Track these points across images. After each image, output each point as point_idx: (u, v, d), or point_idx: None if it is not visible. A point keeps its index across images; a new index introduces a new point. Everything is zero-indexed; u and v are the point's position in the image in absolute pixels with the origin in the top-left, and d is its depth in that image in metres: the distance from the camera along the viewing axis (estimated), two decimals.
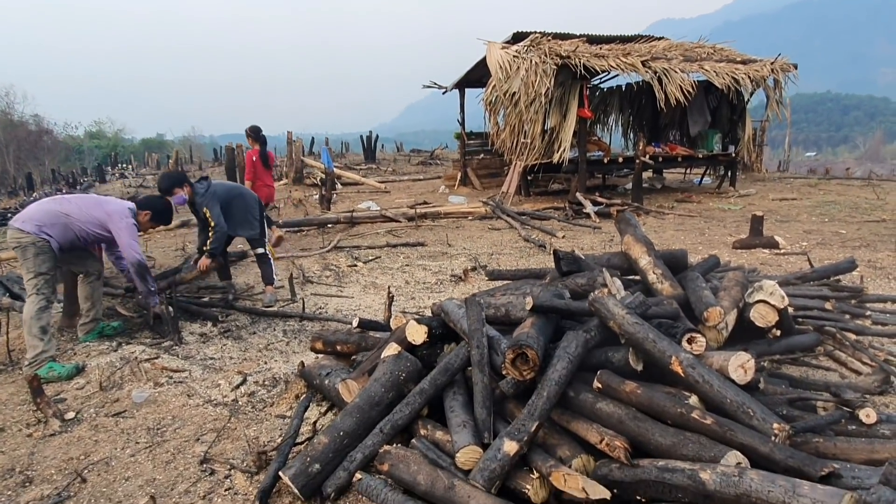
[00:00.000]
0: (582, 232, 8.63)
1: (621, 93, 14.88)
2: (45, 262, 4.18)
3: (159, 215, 4.79)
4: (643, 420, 2.12)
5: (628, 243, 3.59)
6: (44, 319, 4.15)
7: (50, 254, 4.20)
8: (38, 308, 4.12)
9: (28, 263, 4.16)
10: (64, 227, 4.27)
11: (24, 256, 4.17)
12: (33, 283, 4.17)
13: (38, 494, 2.70)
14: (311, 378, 3.29)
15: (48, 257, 4.20)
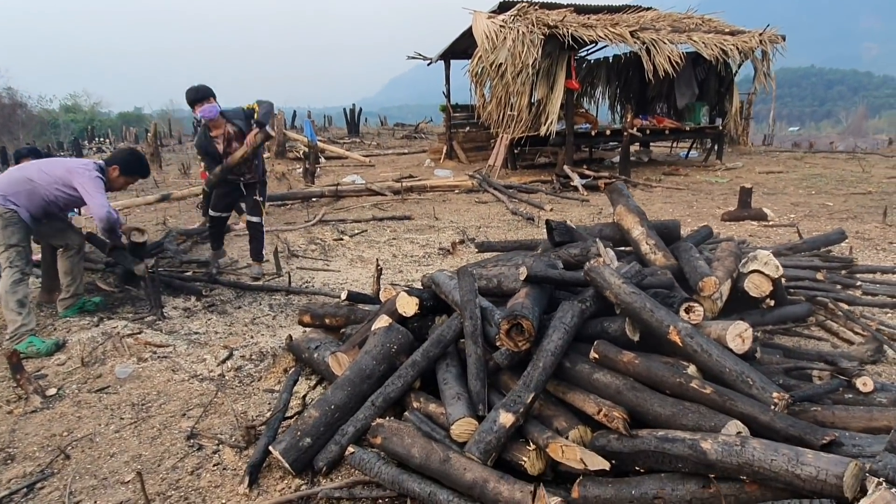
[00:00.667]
0: (570, 205, 8.58)
1: (608, 64, 14.75)
2: (14, 233, 4.02)
3: (129, 166, 4.48)
4: (641, 390, 2.09)
5: (620, 213, 3.54)
6: (20, 293, 4.02)
7: (20, 224, 4.04)
8: (12, 281, 3.99)
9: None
10: (29, 193, 4.07)
11: None
12: (5, 255, 4.02)
13: (20, 472, 2.62)
14: (300, 352, 3.23)
15: (17, 228, 4.04)
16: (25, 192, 4.07)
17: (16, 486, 2.51)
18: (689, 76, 13.22)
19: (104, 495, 2.38)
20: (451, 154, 14.15)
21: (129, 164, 4.50)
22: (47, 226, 4.31)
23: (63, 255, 4.50)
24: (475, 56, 11.32)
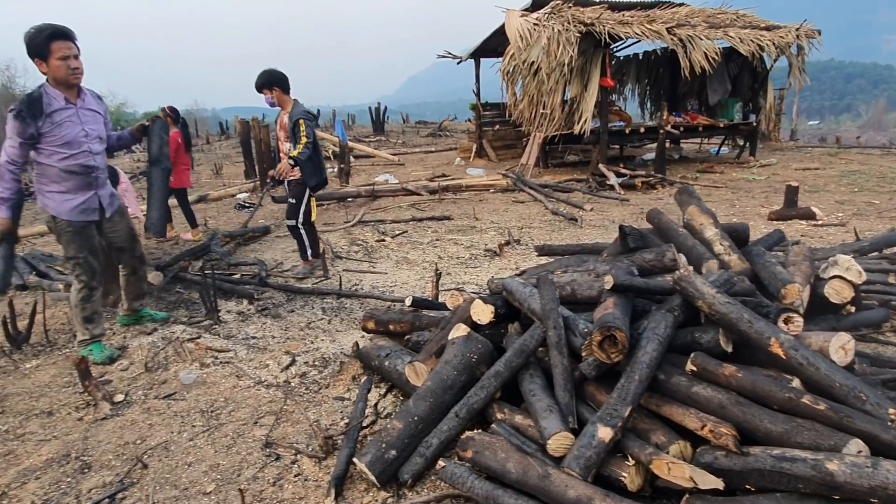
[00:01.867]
0: (609, 204, 8.49)
1: (638, 61, 14.57)
2: (70, 242, 3.81)
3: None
4: (748, 405, 2.02)
5: (692, 213, 3.46)
6: (88, 310, 3.93)
7: (72, 235, 3.79)
8: (80, 298, 3.90)
9: (61, 245, 3.89)
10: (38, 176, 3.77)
11: (56, 237, 3.90)
12: (69, 266, 3.95)
13: (99, 481, 2.62)
14: (369, 359, 3.20)
15: (73, 240, 3.80)
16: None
17: (97, 496, 2.52)
18: (722, 72, 13.02)
19: None
20: (480, 152, 14.09)
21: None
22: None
23: (121, 271, 4.35)
24: (507, 54, 11.24)
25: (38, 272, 6.33)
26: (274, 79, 5.21)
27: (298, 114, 5.20)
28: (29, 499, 2.55)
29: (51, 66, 3.54)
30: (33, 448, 2.98)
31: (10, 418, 3.33)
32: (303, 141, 5.11)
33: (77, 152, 3.74)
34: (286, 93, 5.28)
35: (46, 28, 3.53)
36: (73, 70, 3.60)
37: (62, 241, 3.85)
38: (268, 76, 5.20)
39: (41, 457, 2.87)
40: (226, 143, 28.32)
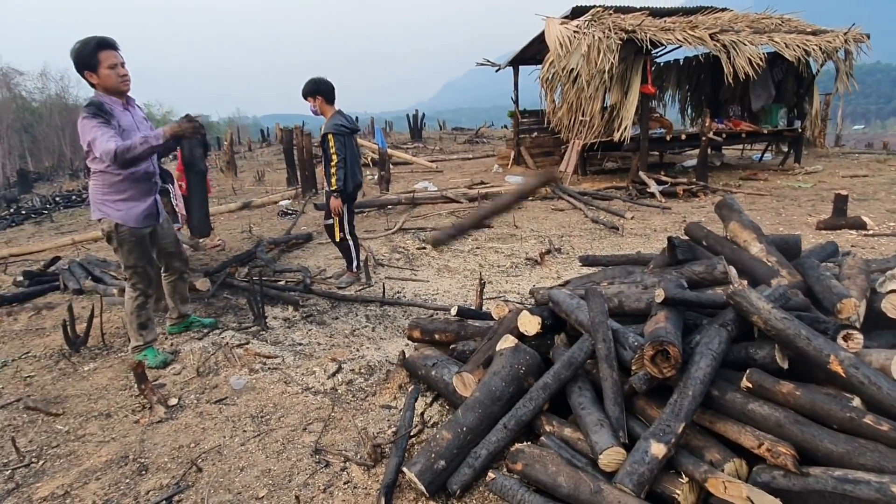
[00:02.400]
0: (650, 213, 8.38)
1: (679, 67, 14.38)
2: (130, 252, 3.90)
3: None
4: (807, 424, 1.98)
5: (734, 230, 3.41)
6: (143, 316, 4.05)
7: (132, 243, 3.88)
8: (136, 305, 4.01)
9: (118, 253, 3.94)
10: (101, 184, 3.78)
11: (112, 246, 3.94)
12: (126, 273, 4.03)
13: (156, 483, 2.71)
14: (416, 368, 3.24)
15: (132, 248, 3.89)
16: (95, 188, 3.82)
17: (155, 497, 2.60)
18: (766, 77, 12.74)
19: None
20: (518, 160, 14.08)
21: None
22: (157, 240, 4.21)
23: (166, 278, 4.44)
24: (546, 62, 11.23)
25: (93, 277, 6.56)
26: (318, 87, 5.26)
27: (329, 127, 5.21)
28: (90, 498, 2.65)
29: (101, 75, 3.62)
30: (93, 449, 3.10)
31: (71, 419, 3.47)
32: (333, 161, 5.17)
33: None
34: (329, 102, 5.30)
35: (92, 39, 3.60)
36: (123, 77, 3.69)
37: (123, 250, 3.89)
38: (313, 84, 5.26)
39: (101, 458, 2.98)
40: (267, 150, 28.91)
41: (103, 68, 3.61)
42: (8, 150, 26.15)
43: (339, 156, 5.15)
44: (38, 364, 4.40)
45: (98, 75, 3.62)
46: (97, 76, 3.63)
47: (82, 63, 3.61)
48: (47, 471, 2.94)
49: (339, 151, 5.16)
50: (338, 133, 5.21)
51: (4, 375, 4.27)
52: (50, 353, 4.52)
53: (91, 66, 3.61)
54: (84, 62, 3.60)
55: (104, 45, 3.60)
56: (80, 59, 3.60)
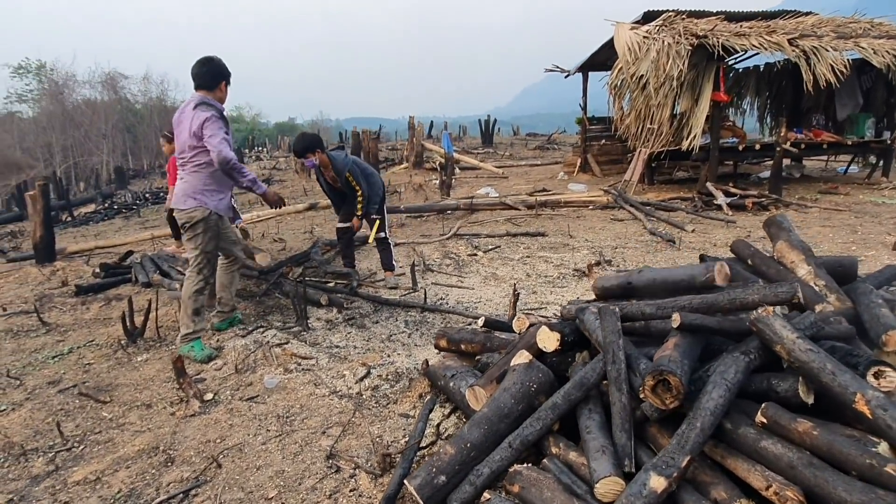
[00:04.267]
0: (713, 226, 8.02)
1: (758, 74, 13.68)
2: (211, 239, 4.27)
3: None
4: (821, 468, 1.83)
5: (782, 250, 3.20)
6: (199, 302, 4.32)
7: (215, 230, 4.28)
8: (195, 290, 4.28)
9: (197, 239, 4.24)
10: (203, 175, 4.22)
11: (193, 230, 4.25)
12: (197, 259, 4.29)
13: (178, 476, 2.82)
14: (436, 378, 3.22)
15: (214, 234, 4.27)
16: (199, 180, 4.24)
17: (174, 490, 2.71)
18: (853, 85, 11.92)
19: None
20: (585, 167, 13.82)
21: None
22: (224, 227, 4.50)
23: (225, 269, 4.68)
24: (615, 68, 10.97)
25: (161, 271, 6.93)
26: (313, 142, 5.62)
27: (344, 166, 5.63)
28: (118, 486, 2.79)
29: (224, 91, 4.31)
30: (129, 438, 3.26)
31: (116, 408, 3.67)
32: (358, 196, 5.67)
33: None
34: (324, 151, 5.67)
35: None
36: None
37: (206, 236, 4.25)
38: (305, 143, 5.59)
39: (134, 447, 3.14)
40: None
41: (226, 86, 4.32)
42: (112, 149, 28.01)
43: (361, 190, 5.66)
44: (98, 352, 4.69)
45: (223, 90, 4.30)
46: (222, 92, 4.29)
47: (223, 75, 4.28)
48: (85, 456, 3.12)
49: (362, 186, 5.67)
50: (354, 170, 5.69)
51: (68, 361, 4.57)
52: (110, 343, 4.80)
53: (226, 80, 4.31)
54: (224, 75, 4.28)
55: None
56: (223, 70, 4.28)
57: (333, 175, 5.74)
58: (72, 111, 28.34)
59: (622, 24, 10.93)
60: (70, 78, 29.91)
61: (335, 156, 5.70)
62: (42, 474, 2.96)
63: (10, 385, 4.16)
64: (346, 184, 5.70)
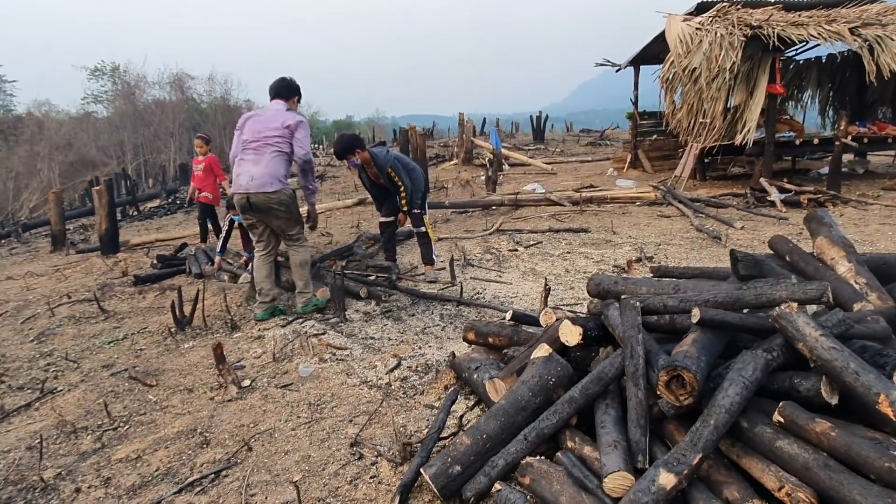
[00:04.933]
0: (764, 223, 7.73)
1: (820, 65, 13.07)
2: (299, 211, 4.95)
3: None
4: (837, 470, 1.78)
5: (821, 246, 3.09)
6: (308, 266, 5.05)
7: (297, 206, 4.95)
8: (305, 259, 4.99)
9: (293, 215, 4.85)
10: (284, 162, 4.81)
11: (289, 211, 4.81)
12: (298, 231, 4.94)
13: (211, 457, 2.95)
14: (461, 370, 3.26)
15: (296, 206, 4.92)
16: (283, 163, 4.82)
17: (206, 470, 2.83)
18: None
19: (274, 492, 2.59)
20: (635, 163, 13.55)
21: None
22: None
23: (265, 258, 4.99)
24: (667, 61, 10.70)
25: (212, 263, 7.20)
26: (353, 143, 5.78)
27: (386, 162, 5.77)
28: (156, 464, 2.95)
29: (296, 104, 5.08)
30: (170, 420, 3.43)
31: (161, 391, 3.86)
32: (402, 193, 5.81)
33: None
34: (364, 149, 5.78)
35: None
36: None
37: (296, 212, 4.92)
38: (345, 144, 5.77)
39: (174, 428, 3.30)
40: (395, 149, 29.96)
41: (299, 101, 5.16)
42: (178, 146, 29.10)
43: (404, 186, 5.80)
44: (150, 339, 4.93)
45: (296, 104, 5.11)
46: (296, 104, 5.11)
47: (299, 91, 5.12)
48: (129, 435, 3.30)
49: (405, 182, 5.80)
50: (396, 165, 5.81)
51: (122, 346, 4.83)
52: (161, 330, 5.04)
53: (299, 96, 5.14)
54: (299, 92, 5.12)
55: None
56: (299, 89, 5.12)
57: (376, 172, 5.85)
58: (142, 111, 29.61)
59: (674, 15, 10.65)
60: (141, 79, 31.23)
61: (377, 153, 5.81)
62: (89, 451, 3.15)
63: (68, 367, 4.43)
64: (389, 180, 5.81)
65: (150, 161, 28.00)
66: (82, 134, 27.62)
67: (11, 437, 3.38)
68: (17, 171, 22.81)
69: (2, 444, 3.29)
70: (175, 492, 2.68)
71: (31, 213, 19.93)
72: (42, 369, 4.45)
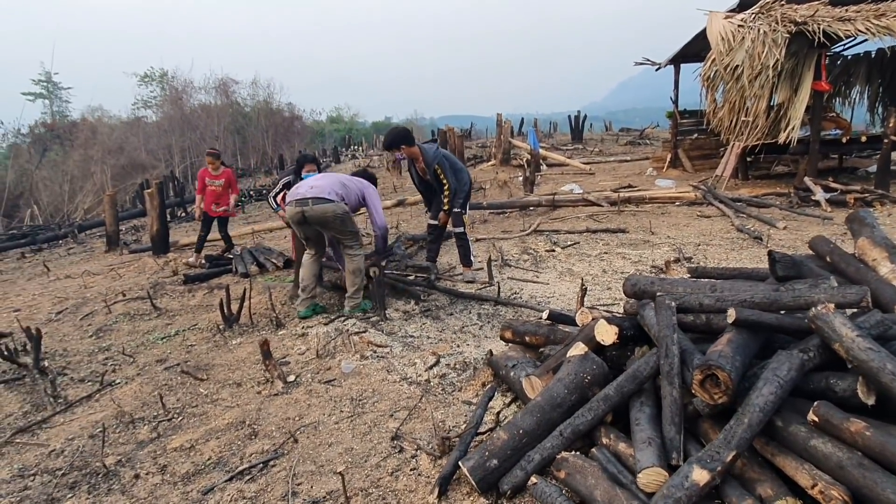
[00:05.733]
0: (808, 223, 7.58)
1: (870, 60, 12.66)
2: (353, 223, 5.07)
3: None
4: (871, 469, 1.80)
5: (863, 247, 3.06)
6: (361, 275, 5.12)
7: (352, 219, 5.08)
8: (357, 267, 5.06)
9: (348, 226, 4.97)
10: (347, 195, 5.05)
11: (343, 222, 4.94)
12: (350, 241, 5.02)
13: (259, 448, 3.10)
14: (498, 368, 3.34)
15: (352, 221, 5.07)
16: (346, 194, 5.06)
17: (255, 460, 2.98)
18: None
19: (319, 481, 2.72)
20: (675, 162, 13.37)
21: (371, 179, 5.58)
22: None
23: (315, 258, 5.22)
24: (708, 59, 10.57)
25: (257, 263, 7.44)
26: (400, 136, 5.86)
27: (434, 159, 5.81)
28: (208, 453, 3.11)
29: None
30: (220, 412, 3.60)
31: (211, 385, 4.04)
32: (445, 190, 5.84)
33: None
34: (411, 145, 5.82)
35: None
36: None
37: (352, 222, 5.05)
38: (395, 135, 5.89)
39: (224, 420, 3.46)
40: None
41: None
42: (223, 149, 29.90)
43: (448, 184, 5.82)
44: (200, 335, 5.15)
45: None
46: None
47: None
48: (183, 426, 3.48)
49: (450, 180, 5.84)
50: (443, 162, 5.85)
51: (174, 342, 5.06)
52: (211, 327, 5.25)
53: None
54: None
55: None
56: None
57: (423, 167, 5.93)
58: (189, 115, 30.51)
59: (715, 13, 10.50)
60: (188, 84, 32.23)
61: (427, 148, 5.88)
62: (146, 440, 3.34)
63: (125, 362, 4.67)
64: (434, 176, 5.86)
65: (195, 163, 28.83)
66: (133, 138, 28.61)
67: (75, 426, 3.60)
68: (73, 175, 23.79)
69: (67, 433, 3.50)
70: (226, 479, 2.83)
71: (85, 215, 20.79)
72: (101, 363, 4.69)
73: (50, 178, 23.73)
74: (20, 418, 3.79)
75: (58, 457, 3.23)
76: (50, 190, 23.08)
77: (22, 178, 23.73)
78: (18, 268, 11.26)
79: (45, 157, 25.99)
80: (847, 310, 2.35)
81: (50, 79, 33.50)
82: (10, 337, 5.30)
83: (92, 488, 2.90)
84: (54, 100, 33.84)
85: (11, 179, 23.10)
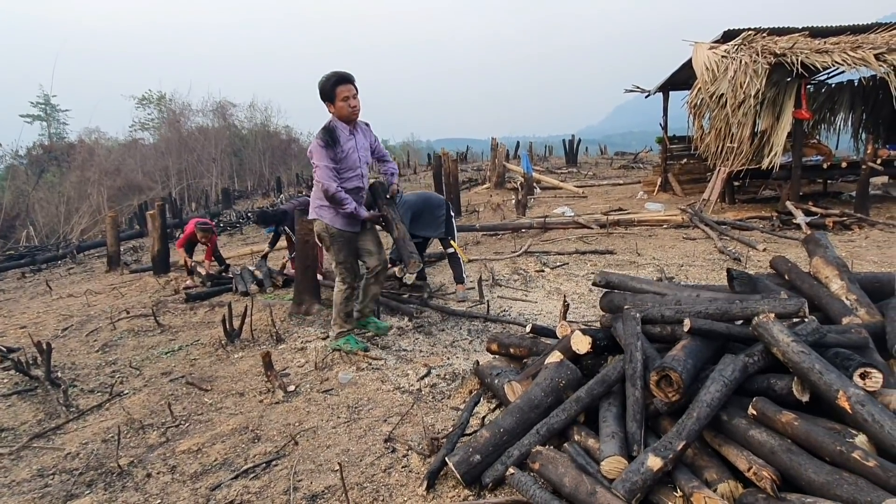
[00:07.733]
0: (787, 245, 7.90)
1: (852, 89, 13.13)
2: (339, 249, 4.58)
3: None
4: (797, 453, 2.07)
5: (817, 266, 3.37)
6: (348, 307, 4.77)
7: (341, 242, 4.55)
8: (344, 297, 4.71)
9: (330, 250, 4.62)
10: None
11: (323, 243, 4.65)
12: (337, 270, 4.67)
13: (262, 450, 3.35)
14: (484, 376, 3.60)
15: (340, 245, 4.56)
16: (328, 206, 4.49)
17: (259, 460, 3.23)
18: None
19: (318, 478, 2.97)
20: (665, 186, 13.75)
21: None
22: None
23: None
24: (695, 87, 10.98)
25: (257, 282, 7.71)
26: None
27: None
28: (215, 455, 3.35)
29: (336, 107, 4.36)
30: (225, 419, 3.85)
31: (215, 395, 4.29)
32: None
33: (353, 176, 4.56)
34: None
35: (333, 76, 4.34)
36: (353, 108, 4.40)
37: (333, 247, 4.58)
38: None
39: (228, 426, 3.71)
40: (429, 172, 30.61)
41: (338, 101, 4.34)
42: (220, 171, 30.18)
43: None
44: (202, 350, 5.39)
45: (335, 106, 4.38)
46: (334, 107, 4.39)
47: (324, 96, 4.38)
48: (189, 432, 3.73)
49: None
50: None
51: (178, 356, 5.31)
52: (213, 342, 5.49)
53: (330, 99, 4.37)
54: (325, 95, 4.37)
55: (341, 81, 4.35)
56: (322, 93, 4.38)
57: None
58: (186, 137, 30.88)
59: (700, 43, 10.94)
60: (186, 107, 32.70)
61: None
62: (156, 444, 3.58)
63: (132, 374, 4.91)
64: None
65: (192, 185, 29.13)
66: (130, 160, 28.97)
67: (88, 432, 3.84)
68: (69, 196, 24.09)
69: (81, 438, 3.75)
70: (232, 477, 3.08)
71: (81, 236, 21.05)
72: (108, 375, 4.94)
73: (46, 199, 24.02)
74: (35, 426, 4.04)
75: (74, 459, 3.48)
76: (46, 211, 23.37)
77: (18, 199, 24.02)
78: (20, 287, 11.53)
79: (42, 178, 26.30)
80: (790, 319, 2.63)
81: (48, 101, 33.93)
82: (21, 351, 5.55)
83: (108, 486, 3.14)
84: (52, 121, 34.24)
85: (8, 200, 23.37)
